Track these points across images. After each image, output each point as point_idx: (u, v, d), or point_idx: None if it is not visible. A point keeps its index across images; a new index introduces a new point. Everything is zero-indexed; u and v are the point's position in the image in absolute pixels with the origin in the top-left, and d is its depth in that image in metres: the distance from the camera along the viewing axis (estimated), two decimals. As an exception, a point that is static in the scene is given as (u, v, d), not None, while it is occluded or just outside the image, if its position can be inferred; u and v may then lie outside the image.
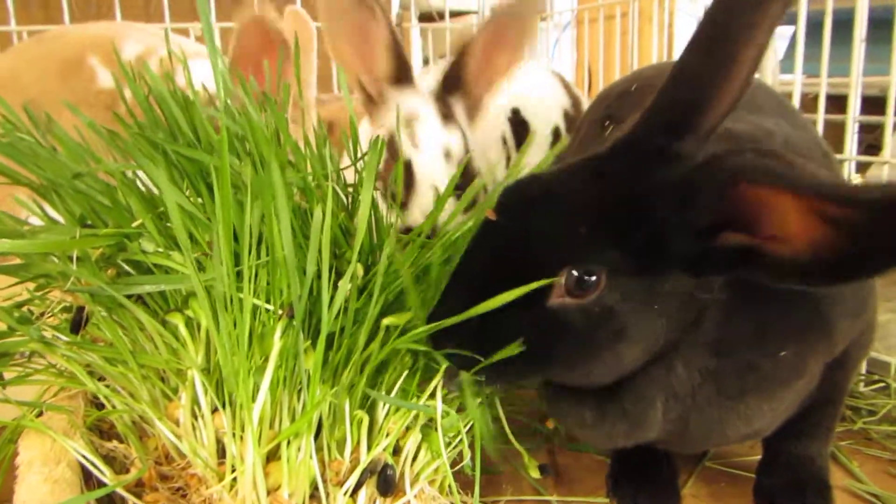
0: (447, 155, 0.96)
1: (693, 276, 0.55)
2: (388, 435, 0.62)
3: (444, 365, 0.59)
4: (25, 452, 0.64)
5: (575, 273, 0.54)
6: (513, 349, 0.55)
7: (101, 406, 0.80)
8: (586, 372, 0.58)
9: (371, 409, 0.64)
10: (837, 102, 1.23)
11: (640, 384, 0.59)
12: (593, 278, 0.53)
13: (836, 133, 1.16)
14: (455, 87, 1.01)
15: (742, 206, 0.50)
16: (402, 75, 0.99)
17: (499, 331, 0.56)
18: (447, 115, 0.98)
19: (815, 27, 1.19)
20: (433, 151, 0.95)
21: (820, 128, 1.15)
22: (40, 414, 0.76)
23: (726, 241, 0.52)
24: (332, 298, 0.59)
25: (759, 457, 0.77)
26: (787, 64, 1.42)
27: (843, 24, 1.17)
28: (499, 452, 0.67)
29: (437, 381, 0.63)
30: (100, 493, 0.58)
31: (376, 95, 1.01)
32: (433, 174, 0.93)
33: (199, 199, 0.74)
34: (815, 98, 1.18)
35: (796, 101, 1.17)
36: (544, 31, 1.92)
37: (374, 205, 0.72)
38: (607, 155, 0.58)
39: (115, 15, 1.61)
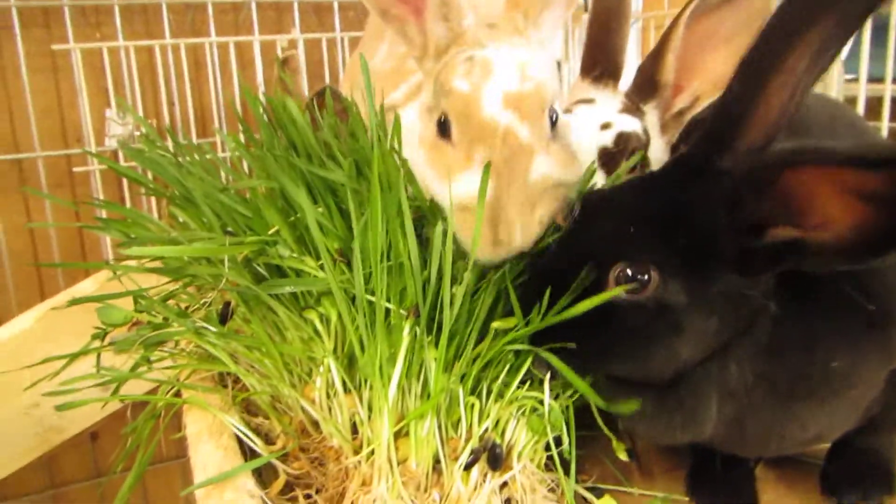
0: (605, 126, 0.81)
1: (744, 275, 0.61)
2: (498, 421, 0.72)
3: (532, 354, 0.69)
4: (193, 425, 0.76)
5: (628, 270, 0.61)
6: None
7: (225, 387, 0.93)
8: (645, 365, 0.64)
9: (479, 396, 0.75)
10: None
11: (696, 379, 0.65)
12: (646, 276, 0.60)
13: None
14: (649, 92, 0.85)
15: (785, 197, 0.56)
16: (594, 67, 0.87)
17: (565, 325, 0.64)
18: (629, 109, 0.84)
19: (879, 29, 1.21)
20: (589, 119, 0.82)
21: (884, 134, 1.18)
22: (178, 393, 0.89)
23: (774, 237, 0.58)
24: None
25: (825, 445, 0.84)
26: (851, 63, 1.44)
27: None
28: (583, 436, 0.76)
29: (540, 374, 0.73)
30: (262, 461, 0.70)
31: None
32: (579, 139, 0.80)
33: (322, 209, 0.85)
34: (881, 100, 1.20)
35: (861, 106, 1.21)
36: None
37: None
38: (658, 172, 0.67)
39: (209, 30, 1.74)
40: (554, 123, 0.75)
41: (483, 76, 0.72)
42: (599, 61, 0.90)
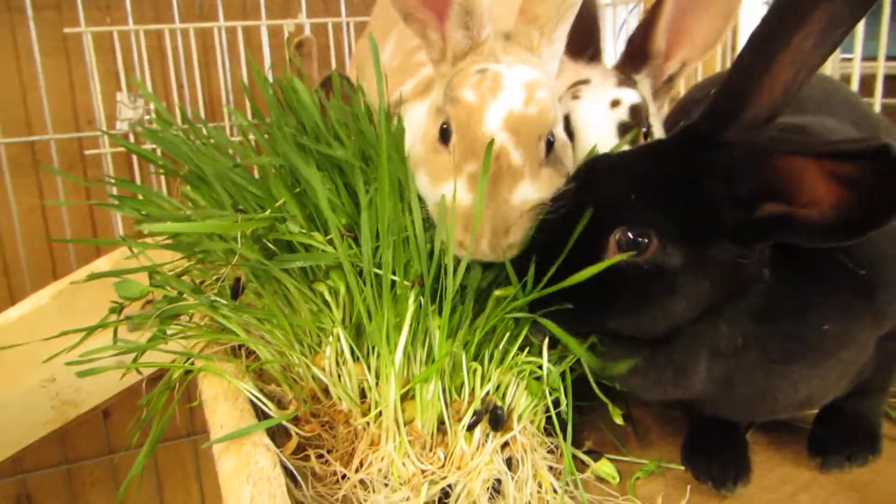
0: (615, 104, 0.85)
1: (738, 244, 0.65)
2: (499, 385, 0.76)
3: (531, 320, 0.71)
4: (209, 390, 0.80)
5: (629, 234, 0.64)
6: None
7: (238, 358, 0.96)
8: (639, 322, 0.67)
9: (481, 361, 0.78)
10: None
11: (687, 338, 0.68)
12: (645, 240, 0.64)
13: (894, 115, 1.21)
14: (640, 61, 0.89)
15: (778, 177, 0.60)
16: (585, 50, 0.91)
17: (559, 276, 0.67)
18: (625, 82, 0.88)
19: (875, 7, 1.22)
20: (598, 100, 0.85)
21: (878, 110, 1.20)
22: (193, 364, 0.93)
23: (767, 211, 0.62)
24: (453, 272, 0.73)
25: (814, 411, 0.87)
26: (846, 43, 1.44)
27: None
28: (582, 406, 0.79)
29: (537, 340, 0.76)
30: (274, 421, 0.74)
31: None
32: (596, 122, 0.84)
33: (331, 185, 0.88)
34: (875, 77, 1.22)
35: (855, 84, 1.23)
36: (610, 15, 1.98)
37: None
38: (664, 140, 0.70)
39: (217, 14, 1.77)
40: (550, 146, 0.76)
41: (491, 91, 0.74)
42: (590, 43, 0.94)
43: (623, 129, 0.85)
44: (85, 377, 0.85)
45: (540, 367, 0.77)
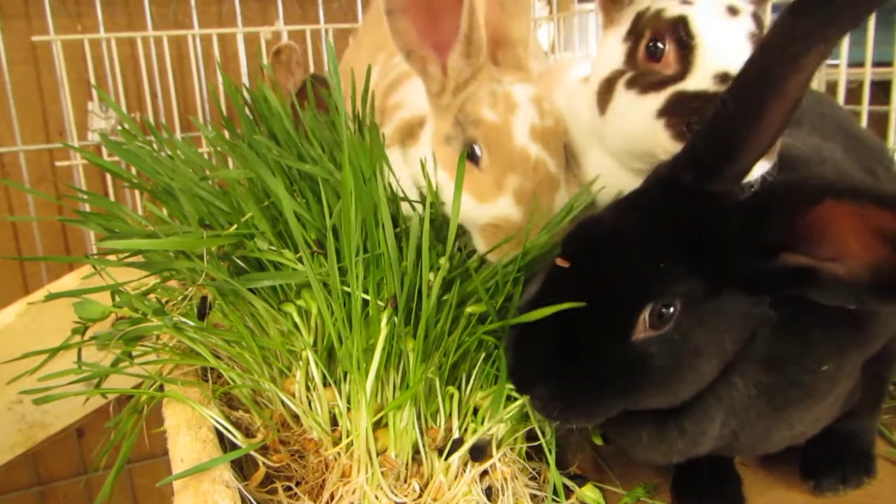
0: (732, 11, 0.72)
1: (751, 294, 0.60)
2: (477, 410, 0.72)
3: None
4: (171, 418, 0.76)
5: (658, 307, 0.58)
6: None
7: (207, 381, 0.92)
8: (672, 394, 0.61)
9: (458, 385, 0.74)
10: (885, 88, 1.25)
11: (704, 402, 0.63)
12: (671, 310, 0.58)
13: (881, 123, 1.19)
14: None
15: (811, 226, 0.54)
16: None
17: (587, 370, 0.60)
18: None
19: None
20: (713, 3, 0.73)
21: (864, 118, 1.18)
22: (161, 387, 0.89)
23: (786, 262, 0.57)
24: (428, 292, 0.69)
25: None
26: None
27: (889, 8, 1.19)
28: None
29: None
30: (240, 452, 0.69)
31: None
32: (720, 28, 0.71)
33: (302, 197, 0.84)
34: (862, 85, 1.20)
35: (841, 92, 1.20)
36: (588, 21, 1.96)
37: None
38: (649, 193, 0.63)
39: (192, 22, 1.73)
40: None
41: (508, 109, 0.79)
42: None
43: (753, 39, 0.72)
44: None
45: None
